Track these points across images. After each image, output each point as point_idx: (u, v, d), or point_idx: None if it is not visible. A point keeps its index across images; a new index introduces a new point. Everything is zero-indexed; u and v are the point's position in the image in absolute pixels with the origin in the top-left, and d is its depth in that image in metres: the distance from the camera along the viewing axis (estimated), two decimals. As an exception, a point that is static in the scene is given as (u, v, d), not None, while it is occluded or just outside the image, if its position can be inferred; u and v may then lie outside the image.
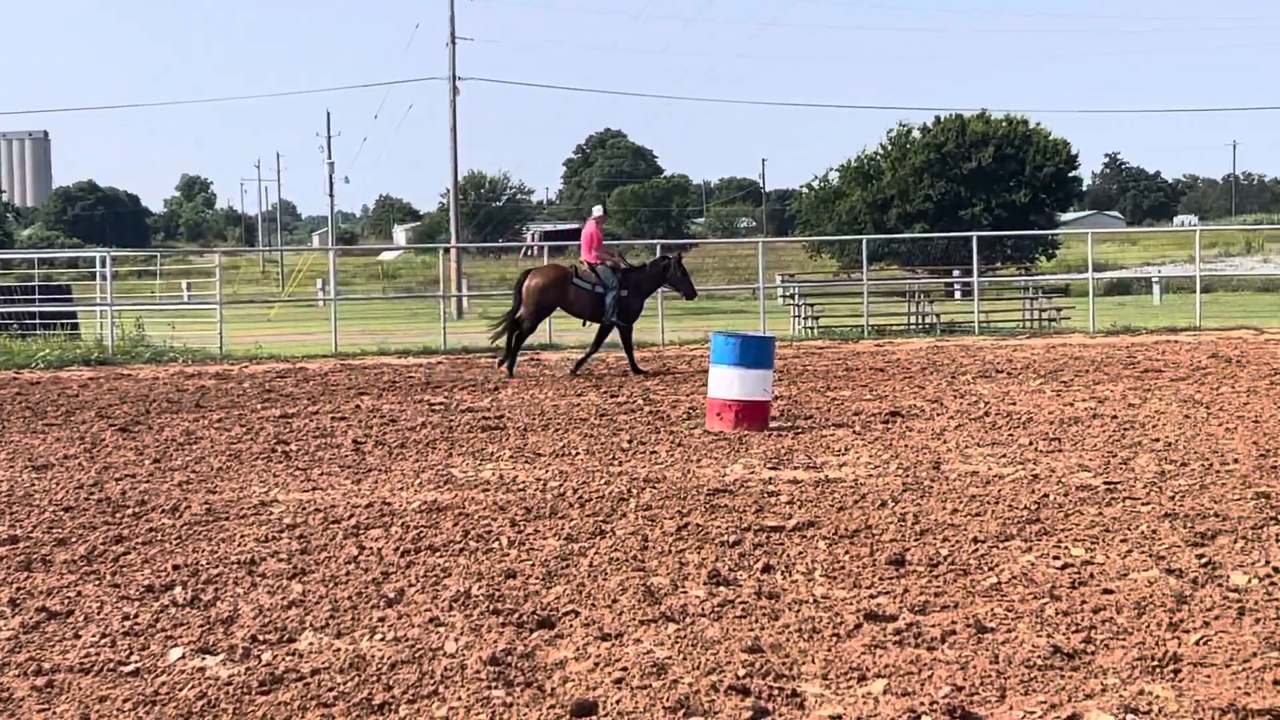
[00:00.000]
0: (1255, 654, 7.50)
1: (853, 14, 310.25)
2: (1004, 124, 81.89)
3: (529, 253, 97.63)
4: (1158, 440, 15.49)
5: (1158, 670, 7.33)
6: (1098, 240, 73.52)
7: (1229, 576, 9.20)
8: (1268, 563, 9.56)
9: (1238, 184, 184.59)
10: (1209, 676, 7.22)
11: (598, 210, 26.67)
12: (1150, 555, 9.91)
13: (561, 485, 13.22)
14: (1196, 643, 7.73)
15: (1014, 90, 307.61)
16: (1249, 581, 9.04)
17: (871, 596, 8.92)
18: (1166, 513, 11.36)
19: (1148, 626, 8.08)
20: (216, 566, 10.08)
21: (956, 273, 54.73)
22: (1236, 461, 13.90)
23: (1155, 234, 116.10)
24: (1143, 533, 10.65)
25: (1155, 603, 8.56)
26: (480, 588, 9.28)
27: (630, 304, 25.47)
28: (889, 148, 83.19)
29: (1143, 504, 11.79)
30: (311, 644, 8.11)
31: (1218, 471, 13.33)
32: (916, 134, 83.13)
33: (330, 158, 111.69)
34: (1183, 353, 26.89)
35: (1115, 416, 17.58)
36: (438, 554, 10.39)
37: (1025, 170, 79.77)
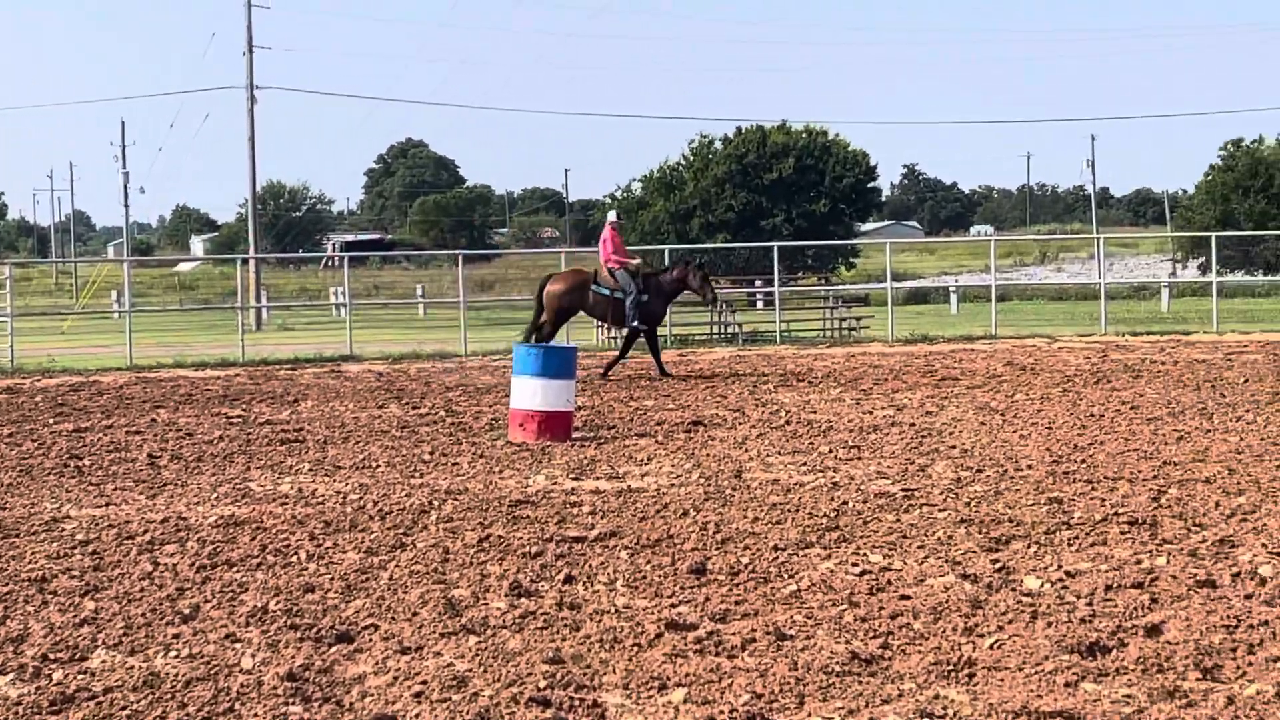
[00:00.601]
0: (1047, 657, 7.62)
1: (655, 25, 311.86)
2: (804, 135, 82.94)
3: (329, 264, 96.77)
4: (954, 447, 15.73)
5: (953, 674, 7.42)
6: (896, 250, 74.52)
7: (1022, 581, 9.35)
8: (1060, 566, 9.74)
9: (1032, 195, 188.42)
10: (1003, 680, 7.32)
11: (612, 215, 26.79)
12: (946, 561, 10.05)
13: (361, 498, 13.10)
14: (990, 647, 7.85)
15: (814, 102, 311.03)
16: (1042, 585, 9.20)
17: (673, 605, 8.94)
18: (962, 519, 11.53)
19: (943, 631, 8.19)
20: (6, 584, 9.84)
21: (759, 282, 55.19)
22: (1030, 467, 14.15)
23: (952, 244, 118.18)
24: (939, 539, 10.80)
25: (951, 608, 8.68)
26: (278, 603, 9.16)
27: (652, 308, 25.64)
28: (691, 158, 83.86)
29: (939, 510, 11.96)
30: (104, 662, 7.94)
31: (1012, 477, 13.57)
32: (718, 145, 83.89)
33: (125, 168, 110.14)
34: (979, 361, 27.36)
35: (913, 424, 17.82)
36: (235, 569, 10.23)
37: (825, 181, 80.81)
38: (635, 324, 25.46)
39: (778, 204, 79.62)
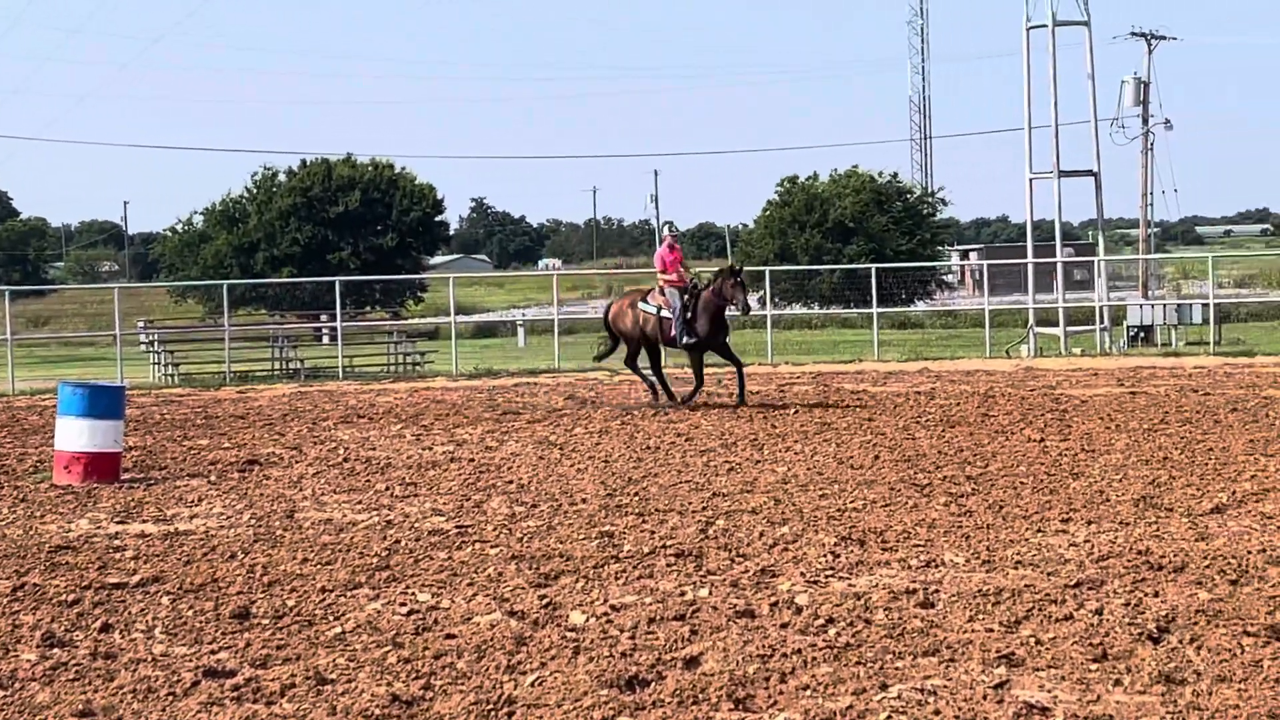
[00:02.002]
0: (586, 693, 7.65)
1: (214, 57, 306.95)
2: (370, 169, 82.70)
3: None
4: (511, 482, 15.77)
5: (493, 713, 7.39)
6: (467, 283, 74.78)
7: (568, 616, 9.40)
8: (606, 600, 9.82)
9: (599, 228, 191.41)
10: (541, 716, 7.33)
11: (666, 229, 25.74)
12: (495, 598, 10.03)
13: (-111, 547, 12.44)
14: (532, 684, 7.84)
15: (379, 135, 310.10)
16: (587, 620, 9.26)
17: (213, 652, 8.70)
18: (514, 555, 11.54)
19: (486, 670, 8.16)
20: None
21: (324, 317, 54.76)
22: (585, 501, 14.28)
23: (520, 278, 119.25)
24: (489, 575, 10.78)
25: (495, 645, 8.65)
26: None
27: (697, 326, 24.14)
28: (255, 191, 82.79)
29: (492, 547, 11.96)
30: None
31: (566, 512, 13.66)
32: (282, 178, 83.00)
33: None
34: (541, 395, 27.56)
35: (472, 459, 17.83)
36: None
37: (392, 215, 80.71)
38: (684, 341, 24.24)
39: (344, 237, 79.17)
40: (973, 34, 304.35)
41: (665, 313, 24.28)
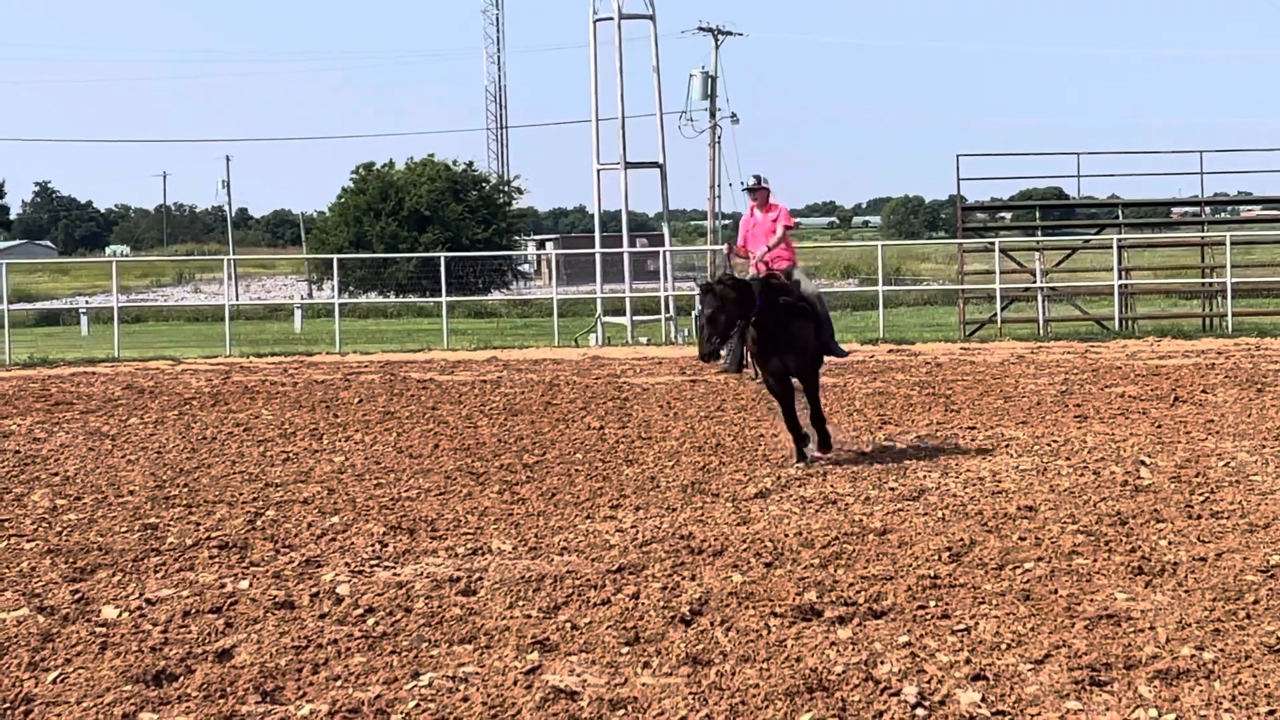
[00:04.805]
0: (110, 688, 7.46)
1: None
2: (-76, 150, 79.48)
3: None
4: (57, 475, 15.28)
5: (10, 713, 7.15)
6: (29, 270, 72.34)
7: (100, 611, 9.15)
8: (142, 594, 9.59)
9: (169, 214, 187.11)
10: (61, 714, 7.13)
11: (750, 180, 16.81)
12: (25, 594, 9.70)
13: None
14: (53, 681, 7.61)
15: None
16: (120, 615, 9.03)
17: None
18: (51, 549, 11.19)
19: (7, 668, 7.88)
20: None
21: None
22: (132, 493, 13.93)
23: (86, 264, 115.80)
24: (22, 571, 10.44)
25: (20, 643, 8.36)
26: None
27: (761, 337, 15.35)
28: None
29: (28, 541, 11.58)
30: None
31: (111, 504, 13.30)
32: None
33: None
34: (98, 385, 26.76)
35: (18, 451, 17.24)
36: None
37: (-52, 198, 77.59)
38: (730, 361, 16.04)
39: (-103, 221, 75.84)
40: (547, 25, 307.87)
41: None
